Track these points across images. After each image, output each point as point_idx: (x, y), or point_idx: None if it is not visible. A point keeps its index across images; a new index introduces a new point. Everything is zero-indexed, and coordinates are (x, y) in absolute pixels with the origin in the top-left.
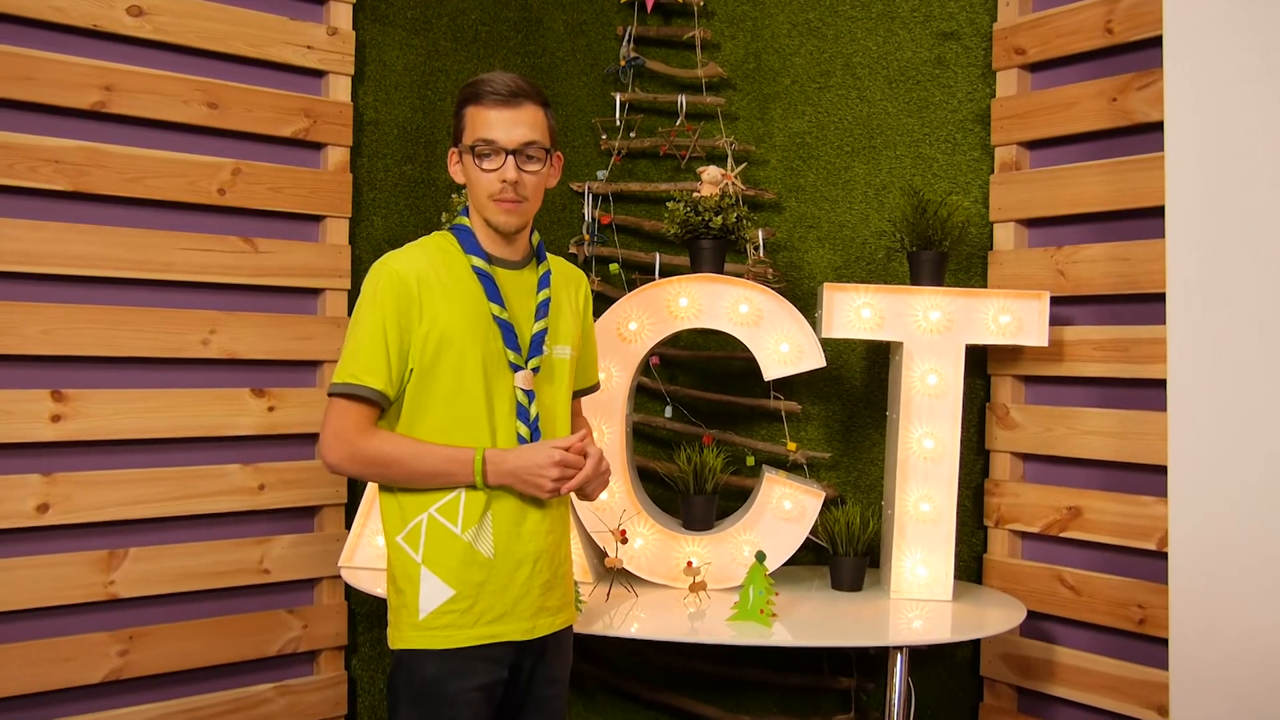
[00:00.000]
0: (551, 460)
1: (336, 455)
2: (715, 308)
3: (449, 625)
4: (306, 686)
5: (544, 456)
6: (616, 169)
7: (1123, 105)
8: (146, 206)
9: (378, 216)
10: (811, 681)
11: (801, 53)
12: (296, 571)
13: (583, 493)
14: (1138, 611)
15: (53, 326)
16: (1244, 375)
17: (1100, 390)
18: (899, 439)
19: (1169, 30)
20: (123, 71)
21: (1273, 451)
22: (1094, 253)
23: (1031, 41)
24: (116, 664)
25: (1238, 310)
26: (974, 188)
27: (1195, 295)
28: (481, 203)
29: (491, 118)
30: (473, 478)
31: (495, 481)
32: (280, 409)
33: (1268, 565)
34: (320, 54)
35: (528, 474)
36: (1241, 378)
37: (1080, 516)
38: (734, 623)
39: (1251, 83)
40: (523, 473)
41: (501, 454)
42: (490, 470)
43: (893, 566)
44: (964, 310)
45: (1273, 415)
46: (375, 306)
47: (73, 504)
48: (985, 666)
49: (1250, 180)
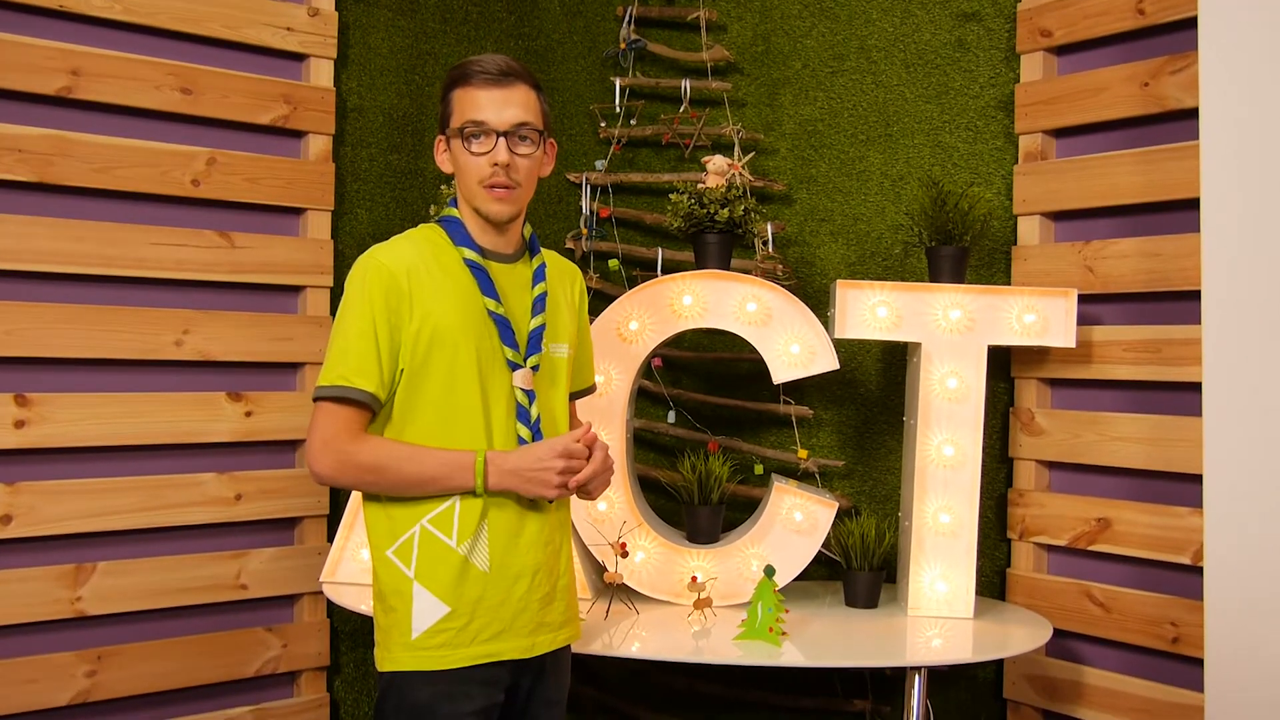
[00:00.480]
0: (555, 452)
1: (326, 464)
2: (721, 306)
3: (444, 644)
4: (286, 709)
5: (546, 450)
6: (616, 159)
7: (1155, 90)
8: (116, 198)
9: (362, 209)
10: (824, 704)
11: (813, 35)
12: (276, 587)
13: (585, 491)
14: (1171, 630)
15: (16, 326)
16: None
17: (1131, 394)
18: (917, 446)
19: (1204, 11)
20: (91, 55)
21: None
22: (1124, 248)
23: (1058, 23)
24: (84, 685)
25: (1277, 309)
26: (997, 178)
27: (1232, 293)
28: (471, 190)
29: (480, 98)
30: (473, 482)
31: (497, 485)
32: (258, 414)
33: None
34: (301, 36)
35: (531, 472)
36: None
37: (1110, 529)
38: (741, 642)
39: None
40: (526, 471)
41: (502, 455)
42: (492, 471)
43: (910, 582)
44: (986, 309)
45: None
46: (363, 303)
47: (37, 515)
48: (1009, 688)
49: None
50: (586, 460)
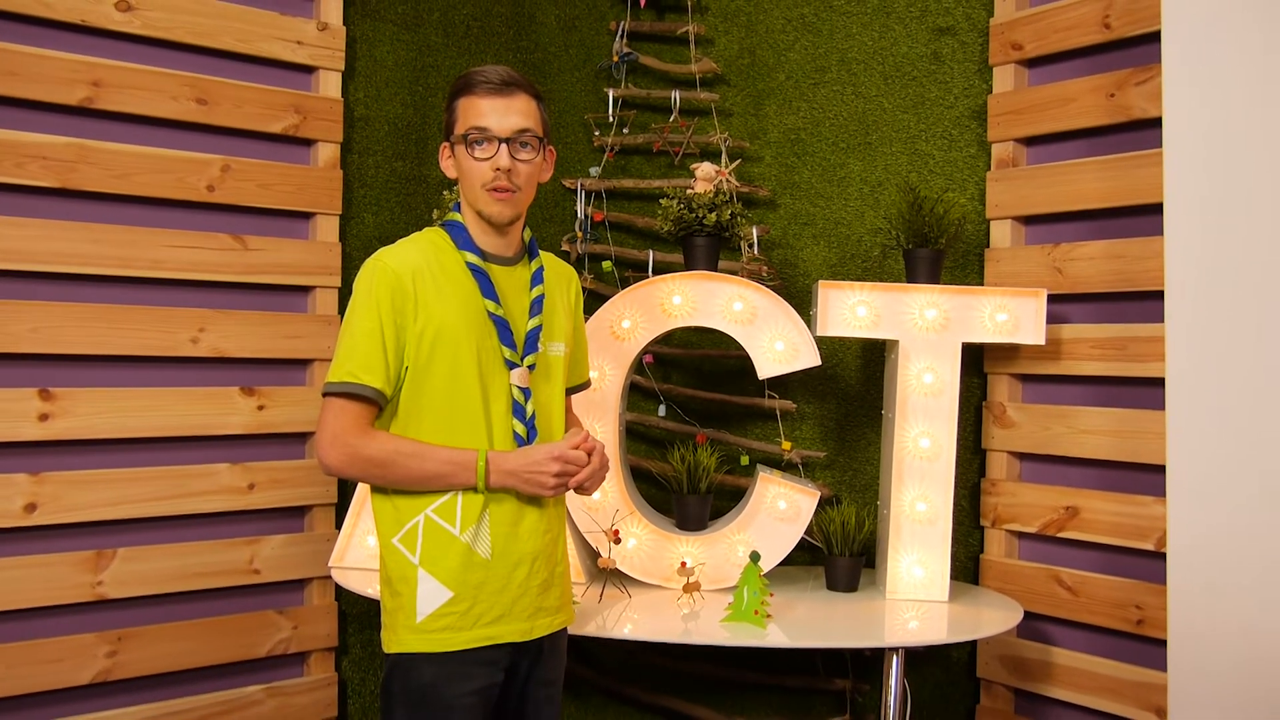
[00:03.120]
0: (551, 457)
1: (334, 457)
2: (709, 306)
3: (447, 627)
4: (296, 688)
5: (544, 454)
6: (609, 165)
7: (1121, 101)
8: (135, 203)
9: (368, 213)
10: (807, 683)
11: (796, 48)
12: (286, 572)
13: (581, 489)
14: (1136, 612)
15: (40, 325)
16: (1243, 374)
17: (1098, 389)
18: (895, 438)
19: (1167, 25)
20: (111, 67)
21: (1273, 451)
22: (1091, 250)
23: (1028, 37)
24: (105, 665)
25: (1237, 308)
26: (970, 184)
27: (1194, 293)
28: (474, 193)
29: (484, 106)
30: (474, 480)
31: (497, 483)
32: (270, 408)
33: (1267, 566)
34: (310, 49)
35: (528, 473)
36: (1241, 376)
37: (1078, 516)
38: (728, 624)
39: (1251, 78)
40: (523, 473)
41: (502, 455)
42: (493, 471)
43: (888, 567)
44: (960, 308)
45: (1273, 414)
46: (370, 303)
47: (61, 504)
48: (982, 668)
49: (1250, 176)
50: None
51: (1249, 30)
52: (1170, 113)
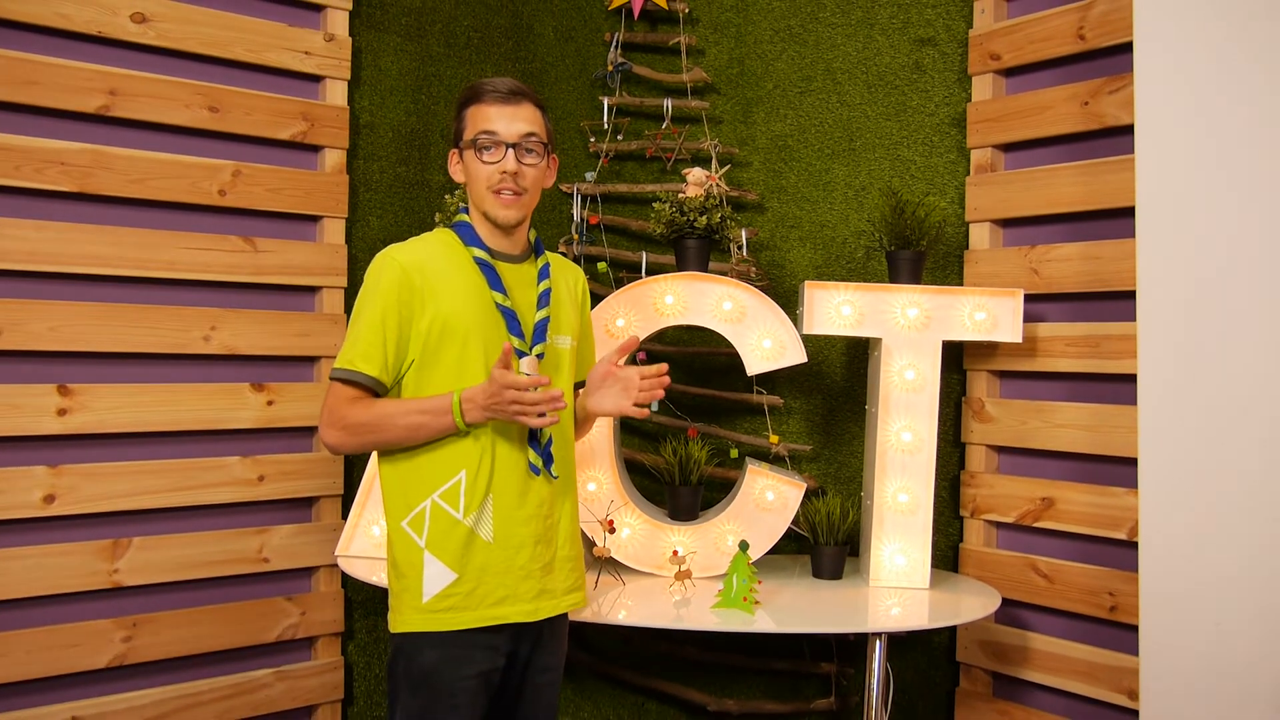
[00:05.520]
0: (496, 385)
1: (331, 432)
2: (700, 305)
3: (452, 608)
4: (304, 671)
5: (491, 384)
6: (604, 171)
7: (1094, 109)
8: (149, 207)
9: (373, 217)
10: (794, 666)
11: (783, 58)
12: (295, 560)
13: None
14: (1109, 599)
15: (59, 323)
16: (1211, 370)
17: (1072, 385)
18: (878, 432)
19: (1139, 36)
20: (126, 76)
21: (1239, 444)
22: (1066, 252)
23: (1006, 47)
24: (120, 650)
25: (1205, 307)
26: (950, 189)
27: (1164, 293)
28: (481, 196)
29: (492, 113)
30: (452, 418)
31: (473, 419)
32: (279, 403)
33: (1234, 554)
34: (318, 59)
35: (489, 401)
36: (1209, 372)
37: (1053, 507)
38: (718, 610)
39: (1219, 87)
40: (486, 403)
41: (472, 390)
42: (467, 409)
43: (872, 555)
44: (941, 307)
45: (1239, 408)
46: (377, 296)
47: (78, 495)
48: (961, 652)
49: (1218, 181)
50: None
51: (1218, 41)
52: (1142, 120)
